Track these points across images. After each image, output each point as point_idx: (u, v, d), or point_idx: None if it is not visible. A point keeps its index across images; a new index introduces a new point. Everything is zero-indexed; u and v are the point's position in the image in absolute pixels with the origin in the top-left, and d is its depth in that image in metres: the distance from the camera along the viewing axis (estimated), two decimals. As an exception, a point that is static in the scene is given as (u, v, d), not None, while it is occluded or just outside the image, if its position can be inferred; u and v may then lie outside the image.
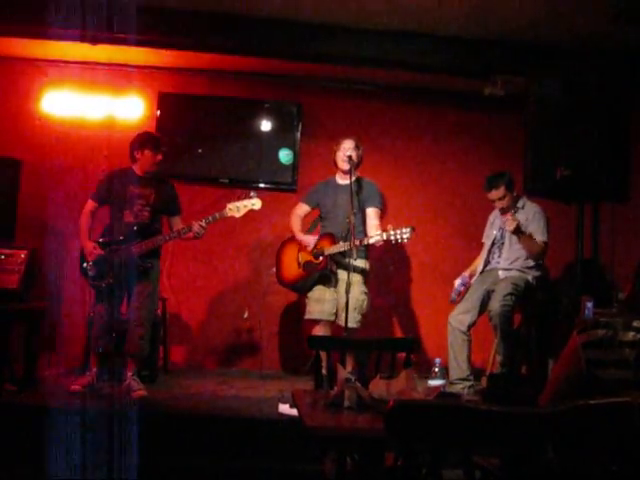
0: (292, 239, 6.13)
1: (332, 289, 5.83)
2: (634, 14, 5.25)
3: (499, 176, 5.89)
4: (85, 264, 5.45)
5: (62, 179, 6.53)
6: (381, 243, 5.63)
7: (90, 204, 5.61)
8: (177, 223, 5.65)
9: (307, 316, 5.94)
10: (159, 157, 5.58)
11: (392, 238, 5.55)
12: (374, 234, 5.66)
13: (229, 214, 5.47)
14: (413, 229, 5.54)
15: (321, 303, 5.82)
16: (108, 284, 5.40)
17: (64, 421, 4.50)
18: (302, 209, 6.21)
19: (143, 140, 5.59)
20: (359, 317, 5.76)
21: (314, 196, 6.17)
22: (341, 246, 5.65)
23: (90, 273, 5.43)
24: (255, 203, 5.51)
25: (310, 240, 5.92)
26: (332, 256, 5.75)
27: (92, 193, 5.65)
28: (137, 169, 5.60)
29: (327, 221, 6.02)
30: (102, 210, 5.69)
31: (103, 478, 4.29)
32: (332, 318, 5.79)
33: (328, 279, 5.84)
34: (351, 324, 5.59)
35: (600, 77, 5.29)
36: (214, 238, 7.07)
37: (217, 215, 5.47)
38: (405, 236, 5.52)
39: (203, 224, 5.41)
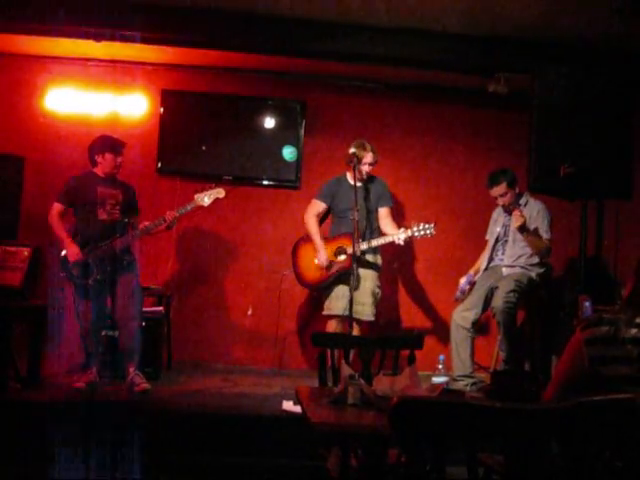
0: (308, 239, 6.15)
1: (348, 286, 5.85)
2: (635, 9, 5.24)
3: (501, 173, 5.89)
4: (69, 265, 5.47)
5: (65, 176, 6.53)
6: (407, 241, 5.78)
7: (57, 207, 5.61)
8: (137, 222, 5.73)
9: (326, 312, 6.00)
10: (120, 159, 5.64)
11: (417, 234, 5.72)
12: (399, 232, 5.77)
13: (198, 203, 5.67)
14: (435, 224, 5.73)
15: (340, 299, 5.88)
16: (95, 281, 5.44)
17: (68, 418, 4.51)
18: (318, 207, 6.18)
19: (103, 144, 5.63)
20: (375, 310, 5.94)
21: (328, 193, 6.16)
22: (363, 244, 5.75)
23: (75, 272, 5.45)
24: (220, 192, 5.73)
25: (322, 258, 5.95)
26: (355, 254, 5.78)
27: (58, 196, 5.63)
28: (99, 172, 5.63)
29: (340, 219, 6.05)
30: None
31: (108, 475, 4.30)
32: (347, 313, 5.82)
33: (347, 276, 5.85)
34: (368, 317, 5.89)
35: (604, 75, 5.29)
36: (218, 234, 7.09)
37: (188, 206, 5.66)
38: (429, 231, 5.73)
39: (176, 214, 5.58)
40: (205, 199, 5.66)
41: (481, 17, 5.75)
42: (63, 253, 5.52)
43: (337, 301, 5.91)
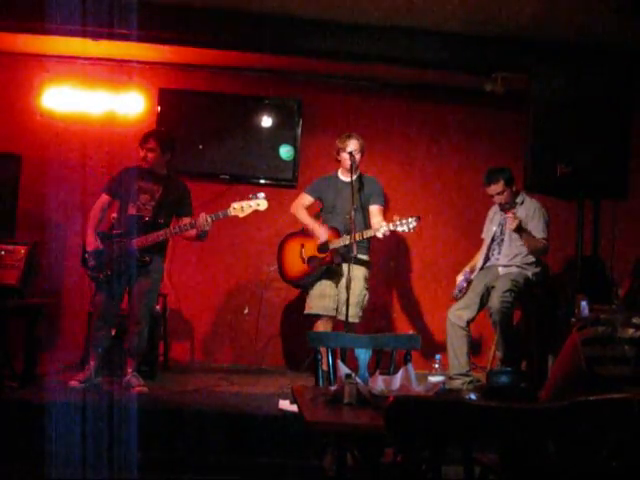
0: (294, 235, 6.13)
1: (334, 284, 5.83)
2: (635, 9, 5.24)
3: (499, 171, 5.89)
4: (86, 254, 5.44)
5: (62, 175, 6.53)
6: (388, 234, 5.65)
7: (102, 197, 5.59)
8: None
9: (307, 311, 5.93)
10: (143, 153, 5.50)
11: (399, 228, 5.61)
12: (380, 226, 5.67)
13: (233, 213, 5.41)
14: (419, 218, 5.61)
15: (323, 298, 5.82)
16: (106, 276, 5.38)
17: (65, 417, 4.50)
18: (305, 200, 6.16)
19: (141, 137, 5.59)
20: (360, 312, 5.84)
21: (317, 189, 6.15)
22: (346, 239, 5.65)
23: (90, 264, 5.41)
24: (260, 204, 5.44)
25: (322, 232, 5.85)
26: (338, 250, 5.74)
27: (104, 186, 5.62)
28: (145, 165, 5.56)
29: (329, 216, 6.02)
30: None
31: (103, 474, 4.30)
32: (333, 313, 5.79)
33: (332, 273, 5.83)
34: (352, 319, 5.67)
35: (601, 74, 5.30)
36: (214, 234, 7.06)
37: (220, 214, 5.41)
38: (411, 225, 5.59)
39: (208, 219, 5.35)
40: (242, 210, 5.40)
41: (478, 16, 5.75)
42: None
43: (319, 300, 5.84)
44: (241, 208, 5.41)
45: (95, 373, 5.43)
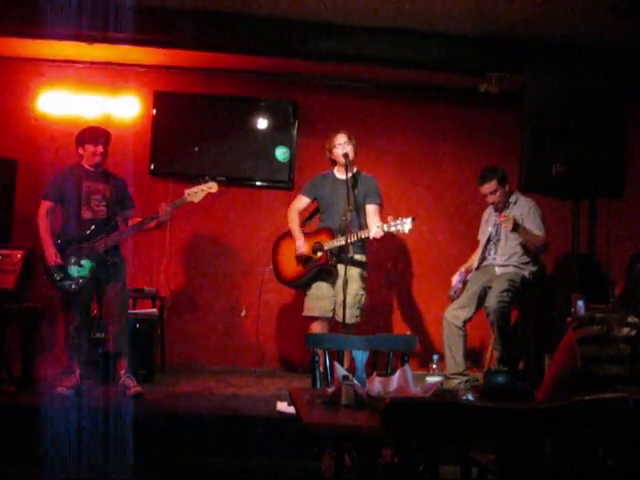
0: (288, 235, 6.06)
1: (330, 285, 5.78)
2: (631, 8, 5.25)
3: (492, 170, 5.89)
4: (51, 268, 5.31)
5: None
6: (381, 235, 5.52)
7: (46, 204, 5.43)
8: (131, 216, 5.58)
9: (306, 313, 5.88)
10: (99, 148, 5.41)
11: (392, 229, 5.46)
12: (373, 227, 5.57)
13: (189, 199, 5.52)
14: (414, 219, 5.45)
15: (320, 300, 5.77)
16: (78, 284, 5.31)
17: (61, 421, 4.50)
18: (301, 202, 6.06)
19: (81, 136, 5.47)
20: (358, 312, 5.75)
21: (313, 189, 6.05)
22: (340, 240, 5.56)
23: (57, 277, 5.30)
24: (212, 186, 5.58)
25: (300, 245, 5.83)
26: (332, 251, 5.70)
27: (45, 193, 5.47)
28: (86, 164, 5.47)
29: (326, 215, 5.93)
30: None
31: (99, 478, 4.30)
32: (330, 315, 5.75)
33: (328, 274, 5.77)
34: (350, 320, 5.56)
35: (596, 74, 5.31)
36: (211, 236, 7.08)
37: (178, 202, 5.52)
38: (406, 227, 5.43)
39: (169, 208, 5.42)
40: (196, 194, 5.51)
41: (472, 17, 5.76)
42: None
43: (317, 301, 5.79)
44: (195, 193, 5.54)
45: (81, 379, 5.37)
